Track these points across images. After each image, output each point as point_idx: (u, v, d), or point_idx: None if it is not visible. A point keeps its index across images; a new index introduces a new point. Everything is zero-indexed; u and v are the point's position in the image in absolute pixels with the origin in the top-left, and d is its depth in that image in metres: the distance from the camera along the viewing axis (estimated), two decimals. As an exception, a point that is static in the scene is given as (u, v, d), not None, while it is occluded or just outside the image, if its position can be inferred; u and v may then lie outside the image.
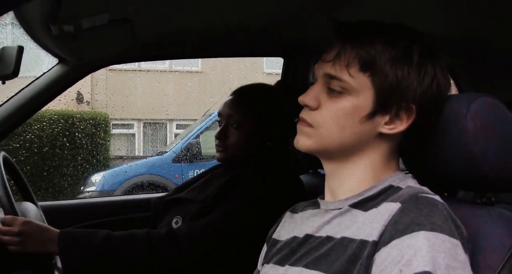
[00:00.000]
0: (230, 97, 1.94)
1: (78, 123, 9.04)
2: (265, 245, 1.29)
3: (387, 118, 1.08)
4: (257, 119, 1.87)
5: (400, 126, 1.08)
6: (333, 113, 1.08)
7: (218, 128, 1.91)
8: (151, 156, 9.87)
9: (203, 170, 2.04)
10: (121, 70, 12.46)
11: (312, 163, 2.02)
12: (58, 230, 1.67)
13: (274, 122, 1.87)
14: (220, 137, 1.88)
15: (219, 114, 1.93)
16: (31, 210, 1.86)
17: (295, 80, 2.59)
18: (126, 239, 1.66)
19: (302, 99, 1.11)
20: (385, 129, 1.08)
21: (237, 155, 1.88)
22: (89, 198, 6.75)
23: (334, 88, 1.08)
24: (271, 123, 1.87)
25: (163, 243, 1.65)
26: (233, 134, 1.87)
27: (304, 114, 1.12)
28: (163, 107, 12.27)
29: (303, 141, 1.12)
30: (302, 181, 1.97)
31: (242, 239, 1.68)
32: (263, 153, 1.88)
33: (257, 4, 1.76)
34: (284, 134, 1.86)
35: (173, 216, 1.83)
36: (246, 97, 1.92)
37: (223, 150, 1.88)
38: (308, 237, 1.12)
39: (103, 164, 9.44)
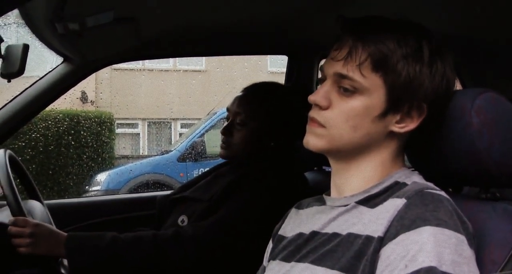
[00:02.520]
0: (240, 94, 1.93)
1: (83, 122, 9.05)
2: (270, 241, 1.29)
3: (398, 117, 1.07)
4: (262, 120, 1.85)
5: (410, 124, 1.08)
6: (345, 113, 1.07)
7: (225, 123, 1.91)
8: (156, 155, 9.87)
9: (208, 168, 2.03)
10: (125, 69, 12.47)
11: (317, 160, 2.03)
12: (66, 234, 1.68)
13: (281, 125, 1.86)
14: (224, 133, 1.88)
15: (228, 109, 1.92)
16: (37, 208, 1.87)
17: (300, 78, 2.59)
18: (132, 241, 1.66)
19: (312, 98, 1.10)
20: (396, 128, 1.08)
21: (240, 153, 1.88)
22: (95, 196, 6.77)
23: (345, 87, 1.07)
24: (276, 126, 1.86)
25: (169, 245, 1.65)
26: (238, 132, 1.86)
27: (314, 113, 1.11)
28: (167, 105, 12.27)
29: (315, 142, 1.11)
30: (307, 178, 1.97)
31: (247, 239, 1.68)
32: (266, 152, 1.88)
33: (261, 2, 1.76)
34: (291, 137, 1.85)
35: (178, 214, 1.83)
36: (255, 96, 1.90)
37: (227, 147, 1.88)
38: (314, 233, 1.12)
39: (108, 162, 9.45)
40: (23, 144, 7.96)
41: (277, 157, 1.88)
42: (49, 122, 8.50)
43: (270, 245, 1.28)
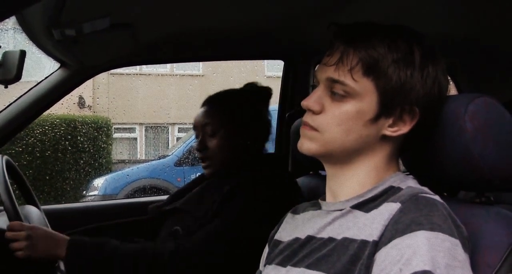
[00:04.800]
0: (202, 108, 1.93)
1: (80, 127, 9.03)
2: (266, 246, 1.29)
3: (390, 121, 1.08)
4: (231, 122, 1.87)
5: (403, 128, 1.08)
6: (337, 117, 1.08)
7: (196, 141, 1.91)
8: (153, 160, 9.85)
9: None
10: (122, 74, 12.47)
11: (313, 164, 2.04)
12: (64, 235, 1.68)
13: (249, 123, 1.88)
14: (200, 148, 1.88)
15: (194, 127, 1.93)
16: (34, 214, 1.87)
17: (296, 83, 2.60)
18: (131, 254, 1.66)
19: (305, 103, 1.11)
20: (389, 132, 1.09)
21: (222, 162, 1.87)
22: (92, 201, 6.76)
23: (337, 92, 1.08)
24: (246, 124, 1.88)
25: (168, 260, 1.64)
26: (211, 143, 1.86)
27: (307, 118, 1.12)
28: (164, 110, 12.26)
29: (308, 145, 1.12)
30: (298, 183, 1.97)
31: (244, 247, 1.67)
32: (250, 157, 1.89)
33: (258, 7, 1.77)
34: (263, 134, 1.90)
35: (172, 225, 1.82)
36: (216, 104, 1.92)
37: (208, 164, 1.88)
38: (310, 238, 1.12)
39: (105, 167, 9.43)
40: (20, 149, 7.94)
41: (267, 163, 1.89)
42: (46, 127, 8.48)
43: (266, 249, 1.29)
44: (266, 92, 2.00)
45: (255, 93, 1.97)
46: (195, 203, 1.85)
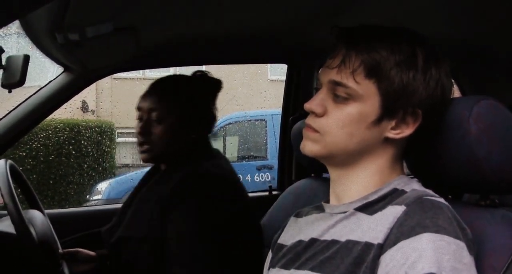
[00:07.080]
0: (149, 90, 1.84)
1: (83, 131, 9.04)
2: (270, 250, 1.30)
3: (393, 123, 1.08)
4: (180, 111, 1.78)
5: (406, 130, 1.08)
6: (340, 120, 1.08)
7: (139, 124, 1.81)
8: (157, 164, 9.80)
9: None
10: (126, 78, 12.46)
11: (316, 167, 2.03)
12: None
13: (197, 114, 1.81)
14: (143, 132, 1.78)
15: (139, 108, 1.83)
16: (38, 218, 1.87)
17: (299, 86, 2.60)
18: None
19: (308, 105, 1.11)
20: (392, 134, 1.08)
21: (163, 151, 1.79)
22: (96, 205, 6.76)
23: (340, 94, 1.08)
24: (193, 115, 1.79)
25: None
26: (156, 129, 1.77)
27: (310, 120, 1.12)
28: (167, 115, 12.24)
29: (310, 146, 1.12)
30: (300, 185, 1.95)
31: (230, 250, 1.59)
32: (189, 149, 1.80)
33: (261, 10, 1.77)
34: (208, 126, 1.84)
35: (128, 259, 1.74)
36: (166, 90, 1.82)
37: (148, 148, 1.78)
38: (313, 240, 1.12)
39: (109, 171, 9.43)
40: (24, 153, 7.96)
41: (209, 157, 1.81)
42: (50, 132, 8.49)
43: (269, 254, 1.29)
44: (217, 84, 1.92)
45: (206, 84, 1.89)
46: (135, 224, 1.75)
